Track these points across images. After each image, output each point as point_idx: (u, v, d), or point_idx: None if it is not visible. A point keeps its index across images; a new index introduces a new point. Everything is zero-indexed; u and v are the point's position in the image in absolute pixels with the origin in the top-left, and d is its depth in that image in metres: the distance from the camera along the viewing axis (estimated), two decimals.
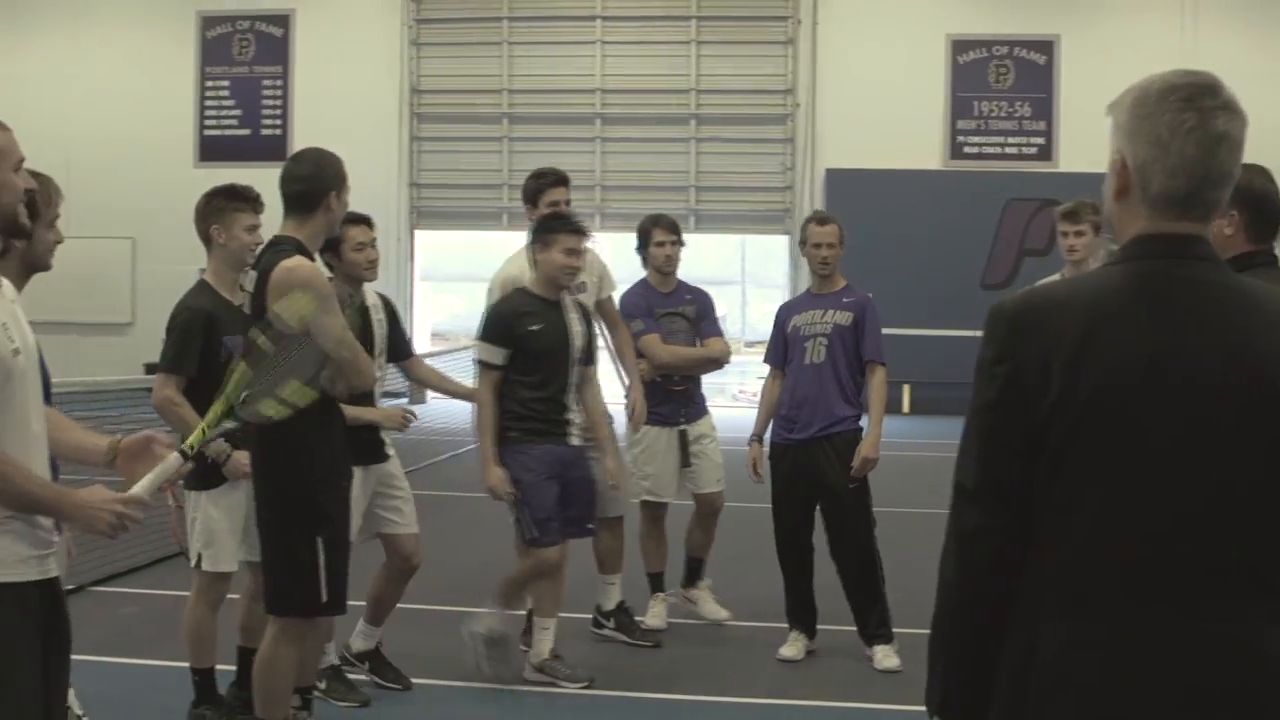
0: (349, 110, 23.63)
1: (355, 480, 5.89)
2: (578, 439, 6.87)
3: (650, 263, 8.01)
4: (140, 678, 6.86)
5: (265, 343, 4.24)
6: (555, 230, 6.80)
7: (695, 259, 12.30)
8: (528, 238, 7.14)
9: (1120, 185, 2.47)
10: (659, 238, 7.91)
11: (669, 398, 7.91)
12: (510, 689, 6.64)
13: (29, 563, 3.50)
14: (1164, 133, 2.39)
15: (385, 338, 6.79)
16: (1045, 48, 23.45)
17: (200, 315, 5.97)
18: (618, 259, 9.59)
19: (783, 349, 7.53)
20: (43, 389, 3.73)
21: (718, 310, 8.32)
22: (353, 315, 6.03)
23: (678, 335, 7.89)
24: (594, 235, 7.64)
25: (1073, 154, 22.08)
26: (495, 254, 9.90)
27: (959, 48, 23.60)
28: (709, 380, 8.53)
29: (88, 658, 3.84)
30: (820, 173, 23.64)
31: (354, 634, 6.80)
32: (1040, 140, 23.54)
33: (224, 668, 6.26)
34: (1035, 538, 2.38)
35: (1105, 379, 2.32)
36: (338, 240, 6.33)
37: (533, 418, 6.75)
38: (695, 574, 8.13)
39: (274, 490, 5.29)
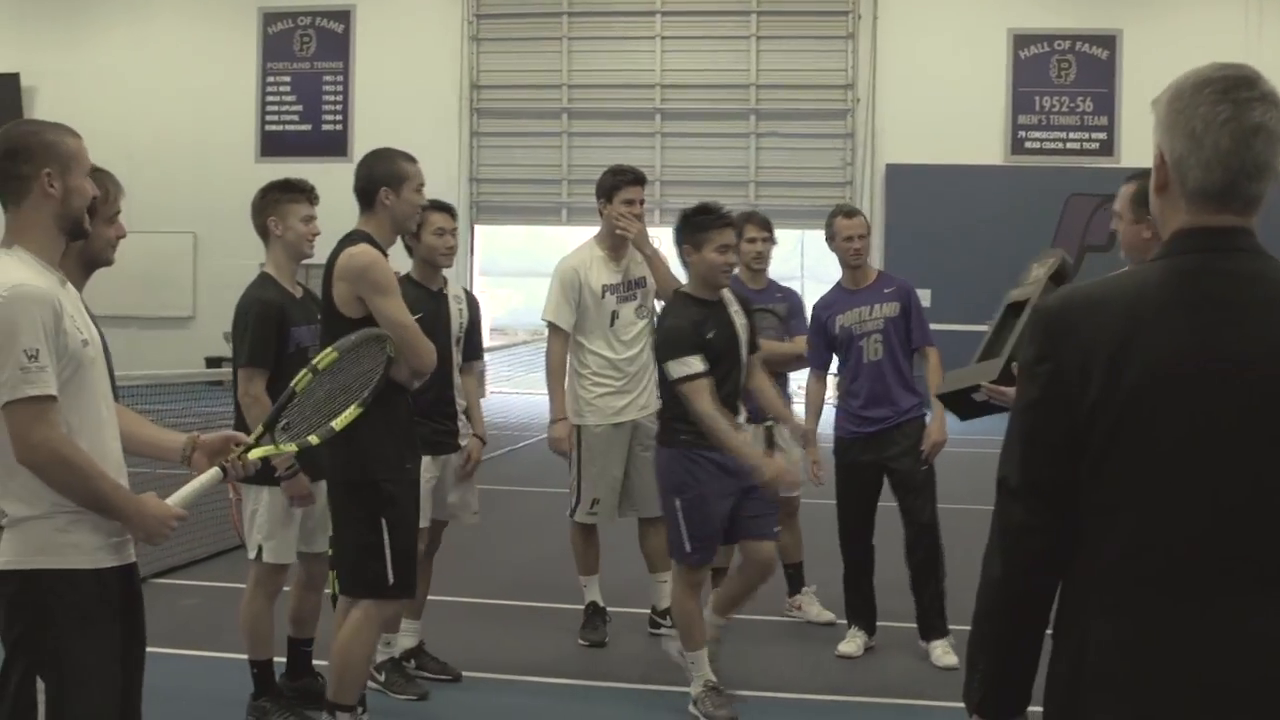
0: (409, 106, 23.79)
1: (425, 466, 6.04)
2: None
3: (741, 259, 7.91)
4: (200, 669, 6.91)
5: (308, 380, 4.42)
6: (705, 228, 6.34)
7: None
8: (600, 228, 7.59)
9: (1160, 180, 2.47)
10: (751, 234, 7.87)
11: None
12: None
13: (107, 549, 3.60)
14: (1198, 126, 2.37)
15: (463, 327, 6.95)
16: (1107, 42, 23.25)
17: (272, 307, 6.04)
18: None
19: (825, 349, 7.52)
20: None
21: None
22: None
23: (767, 332, 7.82)
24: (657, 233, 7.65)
25: (1135, 149, 21.87)
26: (554, 249, 9.92)
27: (1020, 42, 23.44)
28: None
29: (149, 649, 3.89)
30: (880, 168, 23.58)
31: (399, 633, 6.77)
32: (1102, 135, 23.34)
33: (280, 660, 6.32)
34: (1082, 538, 2.38)
35: (1142, 379, 2.31)
36: (420, 225, 6.45)
37: None
38: (797, 581, 8.21)
39: (339, 472, 5.43)
